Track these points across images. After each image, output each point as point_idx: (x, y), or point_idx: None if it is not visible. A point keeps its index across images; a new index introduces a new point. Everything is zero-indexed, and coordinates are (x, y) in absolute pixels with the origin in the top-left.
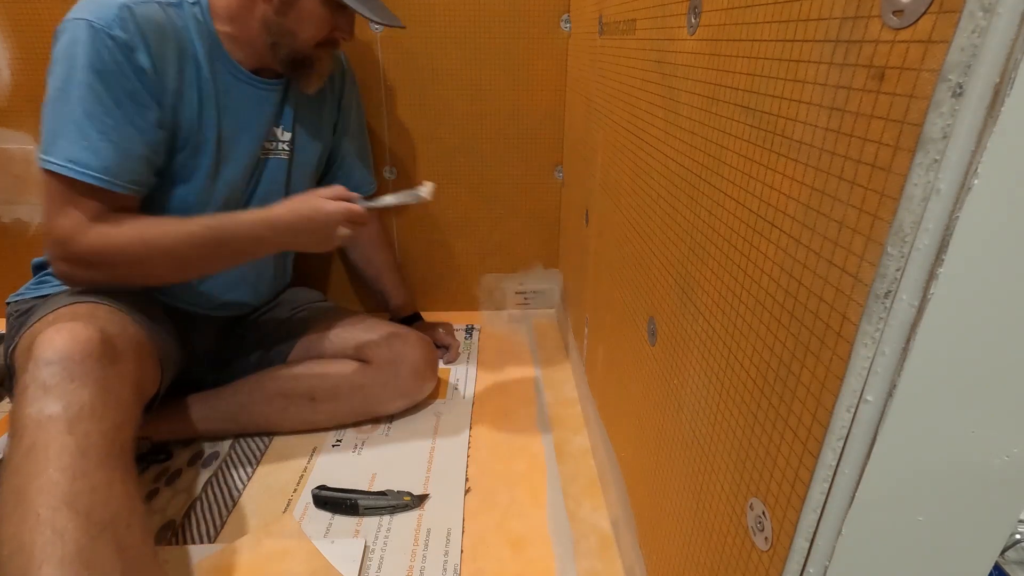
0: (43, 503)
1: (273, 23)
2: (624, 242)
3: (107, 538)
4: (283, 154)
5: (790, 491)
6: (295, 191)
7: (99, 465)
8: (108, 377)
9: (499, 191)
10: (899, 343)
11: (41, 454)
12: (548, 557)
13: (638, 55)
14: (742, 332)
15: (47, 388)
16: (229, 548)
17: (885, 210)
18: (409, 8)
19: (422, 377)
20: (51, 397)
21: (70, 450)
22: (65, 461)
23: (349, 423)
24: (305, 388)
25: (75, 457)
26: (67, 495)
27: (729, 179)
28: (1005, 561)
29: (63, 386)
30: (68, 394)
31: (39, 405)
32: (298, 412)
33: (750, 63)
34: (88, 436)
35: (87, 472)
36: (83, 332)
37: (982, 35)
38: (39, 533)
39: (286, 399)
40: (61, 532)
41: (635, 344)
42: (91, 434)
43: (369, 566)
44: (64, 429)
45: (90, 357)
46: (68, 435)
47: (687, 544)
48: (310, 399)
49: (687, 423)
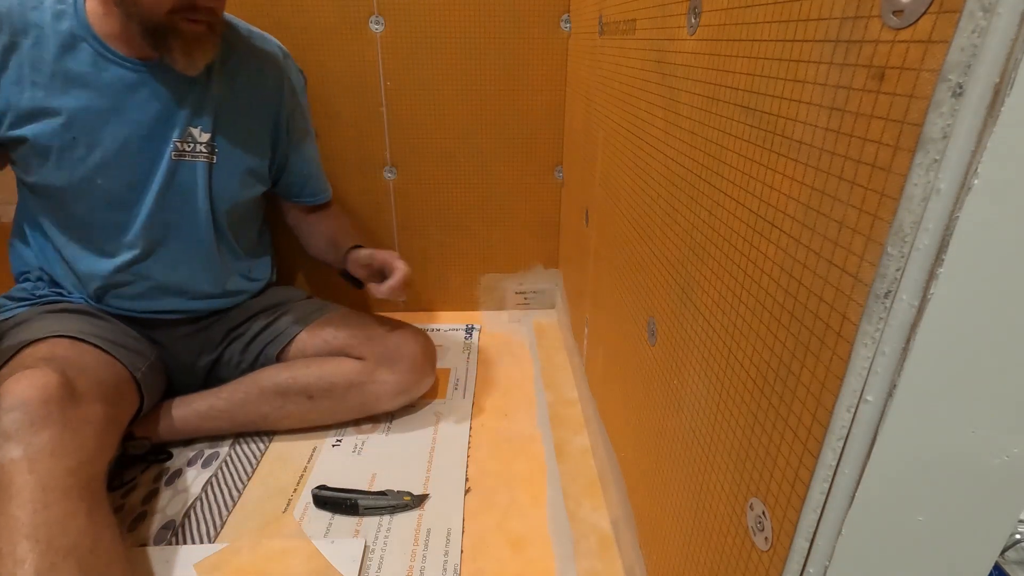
0: (4, 538)
1: None
2: (624, 242)
3: (69, 563)
4: (201, 157)
5: (790, 491)
6: (221, 196)
7: (61, 498)
8: (68, 418)
9: (499, 191)
10: (899, 343)
11: (3, 494)
12: (548, 557)
13: (638, 55)
14: (742, 332)
15: (8, 435)
16: (229, 548)
17: (885, 210)
18: (409, 8)
19: (421, 372)
20: (12, 443)
21: (30, 487)
22: (25, 497)
23: (348, 421)
24: (302, 386)
25: (35, 492)
26: (26, 528)
27: (729, 179)
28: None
29: (23, 431)
30: (28, 436)
31: (2, 451)
32: (296, 410)
33: (750, 63)
34: (51, 472)
35: (48, 504)
36: (41, 378)
37: (982, 35)
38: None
39: (283, 397)
40: (21, 561)
41: (635, 344)
42: (54, 471)
43: (369, 566)
44: (25, 469)
45: (49, 401)
46: (29, 474)
47: (687, 544)
48: (307, 397)
49: (687, 423)
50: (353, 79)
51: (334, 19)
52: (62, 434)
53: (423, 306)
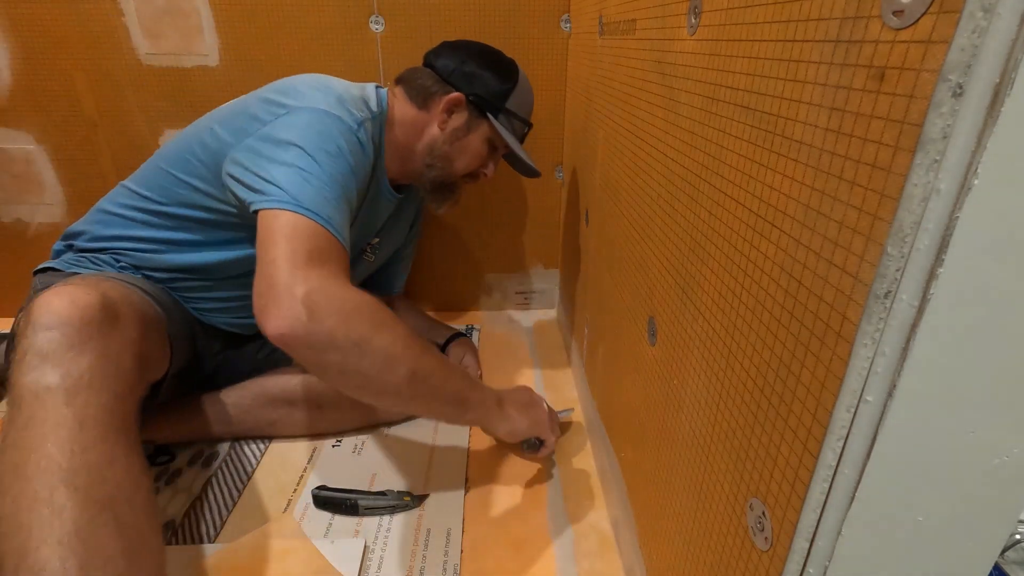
0: (41, 481)
1: (438, 148)
2: (624, 242)
3: (107, 516)
4: (368, 258)
5: (790, 491)
6: None
7: (98, 439)
8: (109, 344)
9: (499, 191)
10: (899, 343)
11: (38, 428)
12: (548, 557)
13: (638, 55)
14: (742, 332)
15: (44, 356)
16: (229, 548)
17: (885, 210)
18: (409, 8)
19: None
20: (48, 365)
21: (68, 424)
22: (63, 435)
23: (350, 429)
24: (314, 394)
25: (73, 431)
26: (65, 472)
27: (729, 179)
28: (1005, 561)
29: (61, 354)
30: (66, 363)
31: (36, 374)
32: (303, 418)
33: (750, 63)
34: (87, 408)
35: (85, 447)
36: (83, 297)
37: (982, 35)
38: (36, 512)
39: (291, 405)
40: (59, 511)
41: (635, 344)
42: (90, 406)
43: (369, 566)
44: (62, 401)
45: (90, 323)
46: (66, 407)
47: (687, 544)
48: (317, 406)
49: (687, 423)
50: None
51: (334, 19)
52: (101, 363)
53: (424, 307)
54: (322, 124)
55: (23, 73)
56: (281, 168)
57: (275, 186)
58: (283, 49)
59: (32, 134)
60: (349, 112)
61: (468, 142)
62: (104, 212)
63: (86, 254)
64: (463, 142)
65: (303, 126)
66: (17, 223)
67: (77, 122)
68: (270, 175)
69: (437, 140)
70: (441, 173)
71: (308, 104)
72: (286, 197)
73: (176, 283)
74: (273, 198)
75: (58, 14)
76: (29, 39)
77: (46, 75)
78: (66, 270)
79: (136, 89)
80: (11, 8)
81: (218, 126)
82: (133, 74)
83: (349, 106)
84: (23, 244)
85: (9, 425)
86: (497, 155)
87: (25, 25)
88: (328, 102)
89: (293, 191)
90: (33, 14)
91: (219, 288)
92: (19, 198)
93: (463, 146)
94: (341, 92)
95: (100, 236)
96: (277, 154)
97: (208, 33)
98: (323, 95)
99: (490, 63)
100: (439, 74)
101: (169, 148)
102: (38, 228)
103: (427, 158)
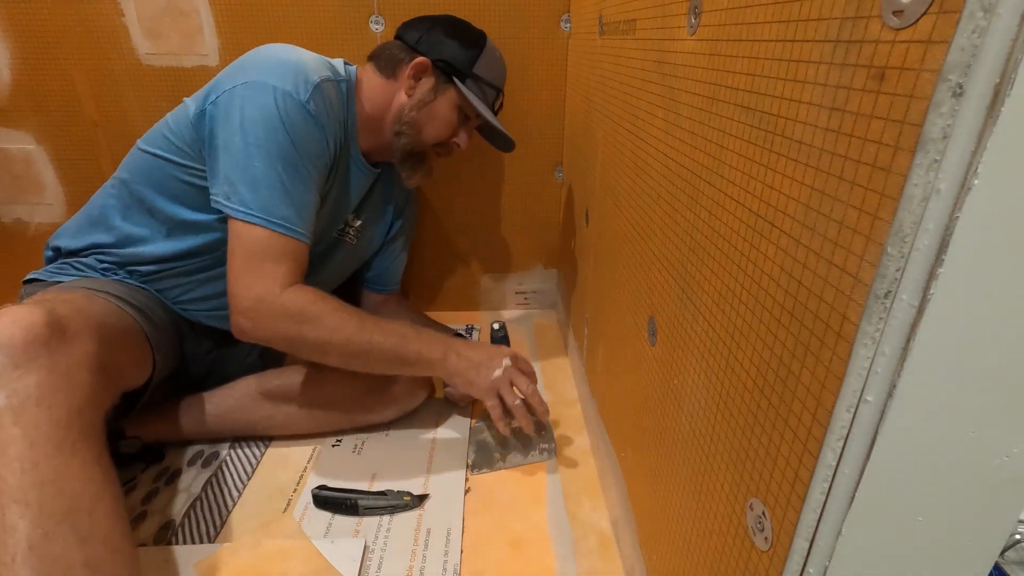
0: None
1: (406, 114)
2: (624, 242)
3: (64, 530)
4: (351, 240)
5: (790, 491)
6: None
7: (52, 455)
8: (56, 361)
9: (499, 191)
10: (899, 343)
11: None
12: (548, 557)
13: (638, 55)
14: (742, 332)
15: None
16: (229, 548)
17: (885, 210)
18: (409, 8)
19: (415, 385)
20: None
21: (16, 442)
22: (11, 455)
23: (336, 431)
24: (294, 394)
25: (22, 449)
26: (15, 491)
27: (729, 179)
28: (1005, 561)
29: (5, 375)
30: (11, 383)
31: None
32: (287, 418)
33: (750, 63)
34: (38, 426)
35: (37, 463)
36: (25, 317)
37: (982, 35)
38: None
39: (274, 405)
40: (11, 530)
41: (635, 344)
42: (41, 423)
43: (369, 566)
44: (9, 421)
45: (34, 342)
46: (13, 427)
47: (687, 544)
48: (299, 406)
49: (687, 423)
50: None
51: (334, 19)
52: (50, 379)
53: (424, 307)
54: (268, 102)
55: (23, 73)
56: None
57: (231, 186)
58: None
59: (32, 134)
60: (304, 78)
61: (436, 107)
62: (86, 213)
63: (69, 259)
64: (430, 107)
65: (252, 107)
66: (17, 223)
67: (77, 122)
68: (227, 170)
69: (405, 107)
70: (410, 140)
71: (258, 78)
72: (242, 205)
73: (162, 277)
74: (232, 204)
75: (58, 14)
76: (29, 39)
77: (46, 75)
78: (49, 280)
79: (136, 89)
80: (11, 8)
81: (188, 99)
82: (133, 74)
83: (308, 70)
84: (23, 244)
85: None
86: (469, 124)
87: (25, 25)
88: (281, 72)
89: (247, 196)
90: (33, 14)
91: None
92: (19, 198)
93: (431, 112)
94: (298, 59)
95: (83, 237)
96: (231, 141)
97: (208, 33)
98: (277, 65)
99: (456, 31)
100: (406, 43)
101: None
102: (38, 228)
103: (396, 125)
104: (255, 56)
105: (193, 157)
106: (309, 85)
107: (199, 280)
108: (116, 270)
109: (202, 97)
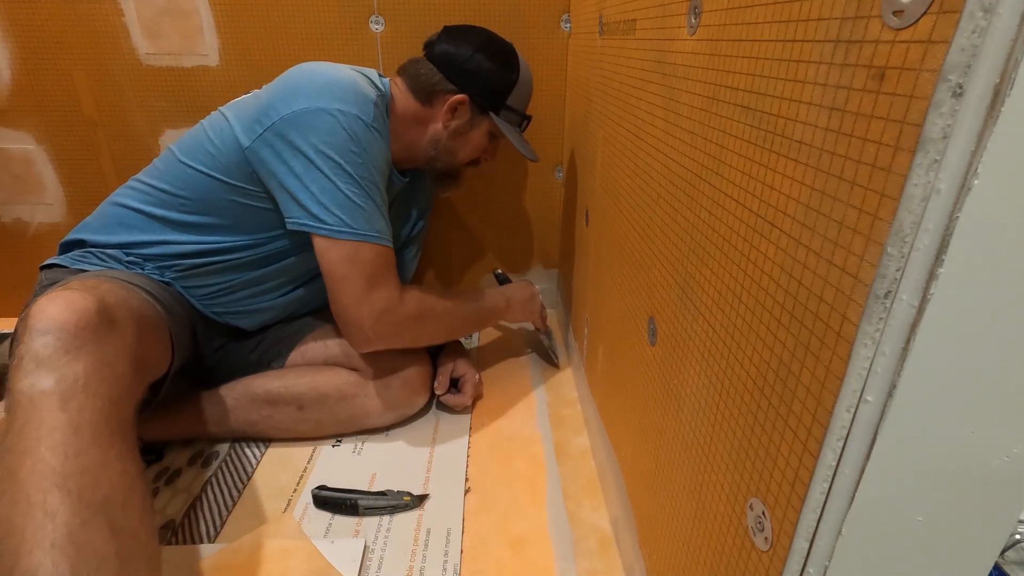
0: (34, 485)
1: (442, 143)
2: (624, 242)
3: (100, 520)
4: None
5: (790, 491)
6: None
7: (92, 443)
8: (104, 349)
9: (499, 191)
10: (899, 343)
11: (33, 433)
12: (548, 557)
13: (638, 55)
14: (742, 332)
15: (39, 361)
16: (229, 548)
17: (885, 210)
18: (409, 8)
19: (414, 391)
20: (43, 371)
21: (62, 428)
22: (56, 440)
23: (333, 435)
24: (293, 395)
25: (67, 435)
26: (58, 476)
27: (729, 179)
28: (1005, 561)
29: (56, 359)
30: (61, 367)
31: (31, 379)
32: (284, 420)
33: (750, 63)
34: (82, 412)
35: (79, 451)
36: (79, 302)
37: (982, 35)
38: (30, 516)
39: (272, 406)
40: (52, 515)
41: (635, 344)
42: (85, 410)
43: (369, 566)
44: (57, 405)
45: (86, 328)
46: (60, 412)
47: (687, 544)
48: (297, 407)
49: (687, 423)
50: None
51: (334, 19)
52: (97, 367)
53: None
54: (336, 126)
55: (23, 73)
56: (320, 187)
57: (323, 207)
58: (283, 49)
59: (32, 134)
60: (363, 97)
61: (471, 137)
62: (113, 213)
63: (94, 250)
64: (466, 137)
65: (323, 132)
66: (17, 223)
67: (77, 122)
68: (315, 196)
69: (441, 136)
70: (446, 164)
71: (319, 103)
72: (344, 226)
73: (191, 275)
74: (326, 225)
75: (58, 14)
76: (29, 39)
77: (46, 75)
78: (71, 267)
79: (136, 89)
80: (11, 8)
81: (229, 115)
82: (133, 74)
83: (362, 88)
84: (23, 244)
85: (6, 430)
86: (497, 142)
87: (25, 25)
88: (340, 94)
89: (345, 217)
90: (33, 14)
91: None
92: (19, 198)
93: (466, 140)
94: (349, 78)
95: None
96: (308, 168)
97: (208, 33)
98: (333, 87)
99: (492, 55)
100: (440, 68)
101: (184, 141)
102: (38, 228)
103: (431, 151)
104: (303, 79)
105: (241, 178)
106: (368, 103)
107: (228, 279)
108: (143, 264)
109: (251, 121)
